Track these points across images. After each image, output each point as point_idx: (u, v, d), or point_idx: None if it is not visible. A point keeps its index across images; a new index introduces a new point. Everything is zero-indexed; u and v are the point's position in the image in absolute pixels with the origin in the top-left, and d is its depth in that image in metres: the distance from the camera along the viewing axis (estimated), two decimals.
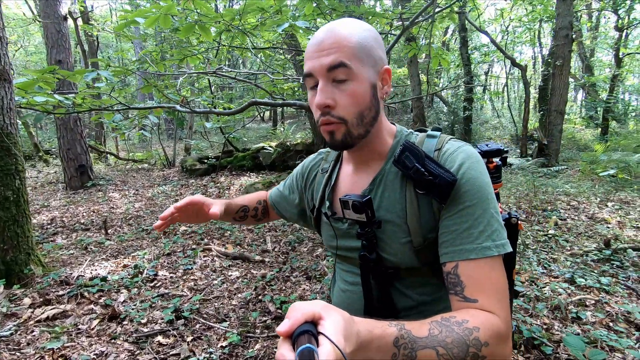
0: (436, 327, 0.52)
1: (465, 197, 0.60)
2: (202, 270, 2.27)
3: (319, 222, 0.80)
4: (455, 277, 0.59)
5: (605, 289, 2.04)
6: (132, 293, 1.88)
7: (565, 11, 7.21)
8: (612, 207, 4.29)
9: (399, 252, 0.66)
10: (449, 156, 0.63)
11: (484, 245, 0.58)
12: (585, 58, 12.26)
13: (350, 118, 0.63)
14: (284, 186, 0.91)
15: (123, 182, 6.46)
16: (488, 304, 0.56)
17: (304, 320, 0.41)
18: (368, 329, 0.47)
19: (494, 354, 0.53)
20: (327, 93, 0.62)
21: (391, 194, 0.67)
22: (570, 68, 8.16)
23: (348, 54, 0.61)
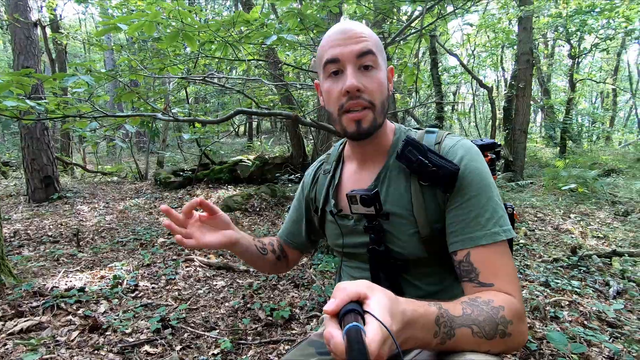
0: (468, 307, 0.54)
1: (470, 187, 0.62)
2: (185, 280, 2.20)
3: (324, 222, 0.81)
4: (468, 265, 0.61)
5: (577, 291, 2.17)
6: (113, 304, 1.79)
7: (525, 38, 7.80)
8: (574, 219, 4.59)
9: (407, 243, 0.68)
10: (449, 149, 0.66)
11: (493, 231, 0.60)
12: (544, 82, 13.22)
13: (378, 104, 0.65)
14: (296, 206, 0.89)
15: (92, 195, 6.17)
16: (504, 287, 0.58)
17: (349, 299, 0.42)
18: (413, 308, 0.48)
19: (517, 331, 0.55)
20: (357, 77, 0.63)
21: (396, 188, 0.69)
22: (531, 91, 8.78)
23: (375, 45, 0.65)
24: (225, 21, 2.77)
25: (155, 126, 6.75)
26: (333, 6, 3.06)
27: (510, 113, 8.37)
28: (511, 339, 0.55)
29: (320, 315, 1.78)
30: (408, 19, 8.31)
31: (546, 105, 12.11)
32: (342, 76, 0.65)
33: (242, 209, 4.72)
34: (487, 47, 10.77)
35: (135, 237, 3.34)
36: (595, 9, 8.26)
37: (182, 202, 5.44)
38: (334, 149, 0.85)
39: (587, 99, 20.01)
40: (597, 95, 19.78)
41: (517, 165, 7.59)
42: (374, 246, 0.69)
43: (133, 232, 3.59)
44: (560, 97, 13.41)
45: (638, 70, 16.22)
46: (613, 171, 8.51)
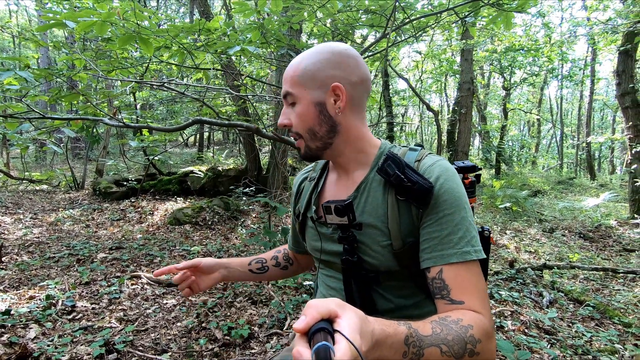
0: (437, 326, 0.55)
1: (444, 205, 0.65)
2: (131, 299, 2.02)
3: (304, 227, 0.82)
4: (440, 282, 0.63)
5: (517, 301, 2.36)
6: (46, 327, 1.58)
7: (467, 69, 8.54)
8: (510, 235, 5.01)
9: (380, 254, 0.69)
10: (427, 167, 0.68)
11: (465, 250, 0.62)
12: (481, 110, 14.52)
13: (303, 133, 0.73)
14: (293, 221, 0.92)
15: (16, 205, 5.50)
16: (474, 304, 0.60)
17: (320, 317, 0.42)
18: (382, 328, 0.48)
19: (485, 349, 0.57)
20: (284, 115, 0.74)
21: (374, 200, 0.71)
22: (472, 117, 9.58)
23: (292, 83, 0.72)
24: (185, 27, 2.69)
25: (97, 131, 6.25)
26: (294, 23, 3.12)
27: (454, 136, 9.04)
28: (479, 358, 0.56)
29: (280, 332, 1.73)
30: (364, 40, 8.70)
31: (483, 131, 13.26)
32: None
33: (192, 222, 4.50)
34: (433, 75, 11.60)
35: (70, 252, 3.01)
36: (523, 49, 9.33)
37: (125, 214, 5.05)
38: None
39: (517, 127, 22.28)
40: (524, 123, 22.12)
41: None
42: (347, 256, 0.71)
43: (68, 246, 3.24)
44: (494, 124, 14.78)
45: (557, 104, 18.50)
46: (539, 192, 9.51)
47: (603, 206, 6.99)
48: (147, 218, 4.81)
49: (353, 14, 3.19)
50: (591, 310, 2.28)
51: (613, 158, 17.10)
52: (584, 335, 1.85)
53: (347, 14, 3.16)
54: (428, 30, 4.18)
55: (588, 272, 3.25)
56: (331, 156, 0.76)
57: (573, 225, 5.53)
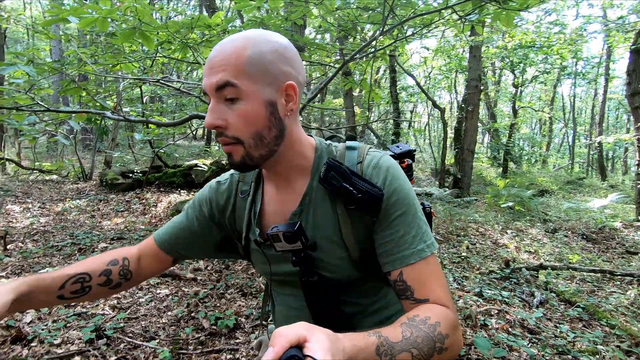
0: (407, 329, 0.55)
1: (395, 207, 0.64)
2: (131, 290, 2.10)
3: (249, 251, 0.76)
4: (402, 284, 0.63)
5: (506, 300, 2.37)
6: (42, 312, 1.67)
7: (475, 66, 8.43)
8: (511, 234, 4.99)
9: (339, 267, 0.67)
10: (372, 170, 0.66)
11: (419, 248, 0.63)
12: (490, 107, 14.34)
13: (246, 138, 0.60)
14: (186, 220, 0.77)
15: (25, 194, 5.66)
16: (438, 299, 0.62)
17: (289, 345, 0.41)
18: (353, 344, 0.48)
19: (453, 342, 0.58)
20: (216, 113, 0.59)
21: (322, 212, 0.67)
22: (479, 114, 9.49)
23: (235, 72, 0.58)
24: (184, 23, 2.73)
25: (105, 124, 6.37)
26: (297, 18, 3.14)
27: (461, 133, 8.98)
28: (448, 352, 0.58)
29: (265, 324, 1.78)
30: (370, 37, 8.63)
31: (492, 128, 13.10)
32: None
33: None
34: (442, 71, 11.48)
35: (73, 242, 3.11)
36: (534, 45, 9.16)
37: (129, 205, 5.17)
38: None
39: (527, 125, 21.94)
40: (536, 122, 21.77)
41: (465, 182, 8.12)
42: (306, 278, 0.67)
43: (71, 236, 3.34)
44: (505, 121, 14.60)
45: (570, 103, 18.14)
46: (547, 192, 9.40)
47: (610, 207, 6.88)
48: (150, 210, 4.92)
49: (352, 11, 3.20)
50: (580, 312, 2.29)
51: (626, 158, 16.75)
52: (568, 336, 1.86)
53: (347, 11, 3.17)
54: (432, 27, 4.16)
55: (585, 274, 3.23)
56: (272, 165, 0.66)
57: (577, 226, 5.47)
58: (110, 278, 0.71)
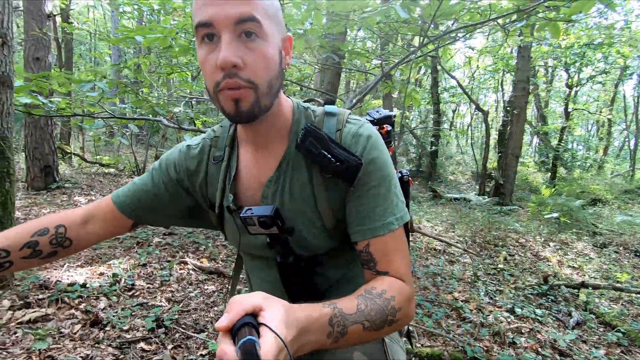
0: (362, 302, 0.57)
1: (370, 177, 0.63)
2: (178, 282, 2.36)
3: (222, 219, 0.72)
4: (368, 255, 0.64)
5: (539, 319, 2.36)
6: (112, 301, 1.95)
7: (523, 67, 8.06)
8: (554, 247, 4.79)
9: (315, 238, 0.67)
10: (352, 138, 0.64)
11: (388, 220, 0.63)
12: (540, 108, 13.55)
13: (261, 83, 0.55)
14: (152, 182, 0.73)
15: (89, 187, 6.28)
16: (397, 272, 0.64)
17: (244, 313, 0.42)
18: (307, 314, 0.49)
19: (404, 314, 0.61)
20: (233, 49, 0.52)
21: (299, 179, 0.66)
22: (527, 116, 9.05)
23: (260, 8, 0.54)
24: None
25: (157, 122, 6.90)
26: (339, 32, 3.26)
27: (505, 137, 8.63)
28: (397, 324, 0.60)
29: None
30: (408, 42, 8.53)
31: (541, 132, 12.40)
32: (217, 44, 0.54)
33: None
34: (488, 71, 11.04)
35: (131, 235, 3.47)
36: (592, 43, 8.55)
37: None
38: (222, 130, 0.72)
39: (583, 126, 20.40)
40: (593, 123, 20.18)
41: (507, 189, 7.82)
42: (281, 259, 0.66)
43: None
44: (557, 123, 13.73)
45: (634, 103, 16.62)
46: (599, 201, 8.77)
47: None
48: None
49: (393, 24, 3.25)
50: (620, 337, 2.22)
51: None
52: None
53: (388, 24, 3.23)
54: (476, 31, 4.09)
55: (634, 296, 3.08)
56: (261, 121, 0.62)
57: (630, 242, 5.13)
58: (37, 249, 0.67)
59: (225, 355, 0.38)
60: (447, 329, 2.09)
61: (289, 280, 0.68)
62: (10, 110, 1.97)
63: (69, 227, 0.69)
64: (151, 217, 0.74)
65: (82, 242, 0.71)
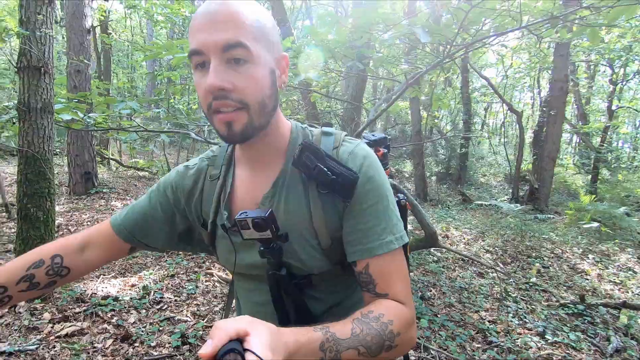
0: (358, 326, 0.55)
1: (368, 196, 0.62)
2: (204, 295, 2.43)
3: (214, 238, 0.72)
4: (367, 276, 0.63)
5: (573, 344, 2.23)
6: (142, 315, 2.04)
7: (561, 65, 7.63)
8: (593, 259, 4.51)
9: (309, 257, 0.65)
10: (349, 155, 0.64)
11: (387, 240, 0.62)
12: (581, 105, 12.76)
13: (253, 103, 0.57)
14: (149, 205, 0.73)
15: (125, 191, 6.60)
16: (397, 295, 0.62)
17: (229, 338, 0.41)
18: (295, 338, 0.48)
19: (404, 340, 0.59)
20: (221, 74, 0.55)
21: (295, 197, 0.65)
22: (565, 117, 8.55)
23: (247, 33, 0.55)
24: None
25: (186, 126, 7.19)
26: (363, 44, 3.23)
27: (540, 137, 8.20)
28: (397, 349, 0.58)
29: None
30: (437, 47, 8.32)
31: (581, 131, 11.69)
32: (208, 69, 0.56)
33: None
34: (521, 69, 10.55)
35: None
36: None
37: None
38: (220, 149, 0.74)
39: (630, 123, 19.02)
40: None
41: (542, 193, 7.45)
42: (273, 271, 0.64)
43: None
44: (600, 121, 12.89)
45: None
46: None
47: None
48: None
49: None
50: None
51: None
52: None
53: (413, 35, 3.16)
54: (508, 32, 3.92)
55: None
56: (257, 141, 0.63)
57: None
58: (34, 282, 0.67)
59: None
60: (472, 354, 2.02)
61: (280, 301, 0.67)
62: (51, 134, 2.11)
63: (65, 256, 0.69)
64: (146, 240, 0.74)
65: (81, 269, 0.71)
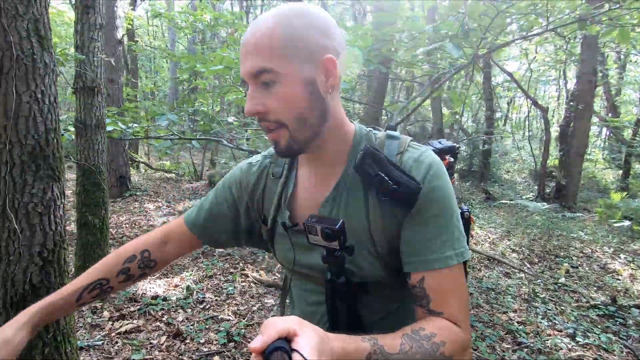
0: (407, 342, 0.54)
1: (430, 206, 0.60)
2: (242, 295, 2.59)
3: (273, 234, 0.73)
4: (421, 291, 0.61)
5: (604, 346, 2.25)
6: (188, 313, 2.22)
7: (589, 57, 7.40)
8: (625, 259, 4.42)
9: (367, 264, 0.65)
10: (413, 163, 0.62)
11: (447, 254, 0.60)
12: (611, 97, 12.26)
13: (289, 121, 0.59)
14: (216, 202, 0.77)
15: (156, 193, 6.90)
16: (452, 315, 0.60)
17: (278, 336, 0.42)
18: (342, 346, 0.48)
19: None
20: (255, 99, 0.58)
21: (355, 202, 0.64)
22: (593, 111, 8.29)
23: (269, 55, 0.56)
24: None
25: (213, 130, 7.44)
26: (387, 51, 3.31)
27: (567, 132, 7.99)
28: None
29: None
30: None
31: (611, 124, 11.27)
32: None
33: None
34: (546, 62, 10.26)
35: None
36: None
37: None
38: None
39: None
40: None
41: (570, 190, 7.28)
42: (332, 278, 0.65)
43: None
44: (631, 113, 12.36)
45: None
46: None
47: None
48: None
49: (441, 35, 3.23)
50: None
51: None
52: None
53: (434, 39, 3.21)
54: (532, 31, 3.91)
55: None
56: (313, 148, 0.64)
57: None
58: (130, 274, 0.75)
59: None
60: (502, 354, 2.09)
61: (334, 306, 0.67)
62: (104, 147, 2.31)
63: (152, 251, 0.77)
64: (215, 237, 0.79)
65: (164, 261, 0.80)
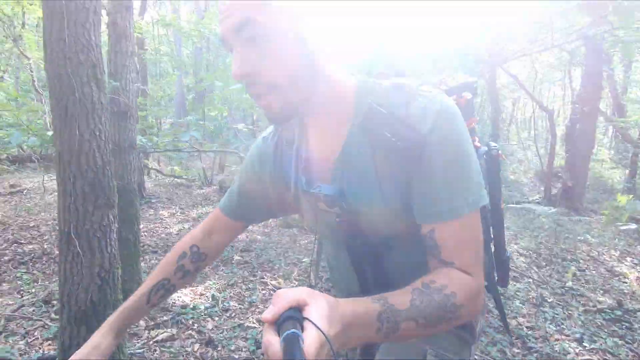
0: (418, 297, 0.54)
1: (438, 156, 0.58)
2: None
3: (298, 199, 0.73)
4: (432, 241, 0.60)
5: (610, 350, 2.36)
6: (216, 322, 2.36)
7: (594, 58, 7.43)
8: (631, 262, 4.50)
9: (383, 220, 0.64)
10: (420, 113, 0.58)
11: (456, 205, 0.58)
12: (617, 96, 12.23)
13: (282, 82, 0.55)
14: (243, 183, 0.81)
15: (169, 200, 7.05)
16: (464, 265, 0.59)
17: (289, 306, 0.43)
18: (352, 309, 0.49)
19: (468, 312, 0.57)
20: (242, 60, 0.53)
21: (364, 159, 0.63)
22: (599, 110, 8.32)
23: (253, 5, 0.51)
24: None
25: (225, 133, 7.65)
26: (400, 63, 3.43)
27: (573, 134, 8.03)
28: (459, 320, 0.57)
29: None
30: None
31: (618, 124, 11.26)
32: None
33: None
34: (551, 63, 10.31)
35: None
36: None
37: None
38: None
39: None
40: None
41: (577, 192, 7.34)
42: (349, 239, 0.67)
43: None
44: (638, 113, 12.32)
45: None
46: None
47: None
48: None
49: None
50: None
51: None
52: None
53: None
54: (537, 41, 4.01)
55: None
56: (309, 111, 0.61)
57: None
58: (186, 270, 0.80)
59: (271, 346, 0.41)
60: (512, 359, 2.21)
61: (360, 265, 0.69)
62: (136, 167, 2.46)
63: (199, 245, 0.82)
64: (251, 215, 0.83)
65: (213, 252, 0.85)
